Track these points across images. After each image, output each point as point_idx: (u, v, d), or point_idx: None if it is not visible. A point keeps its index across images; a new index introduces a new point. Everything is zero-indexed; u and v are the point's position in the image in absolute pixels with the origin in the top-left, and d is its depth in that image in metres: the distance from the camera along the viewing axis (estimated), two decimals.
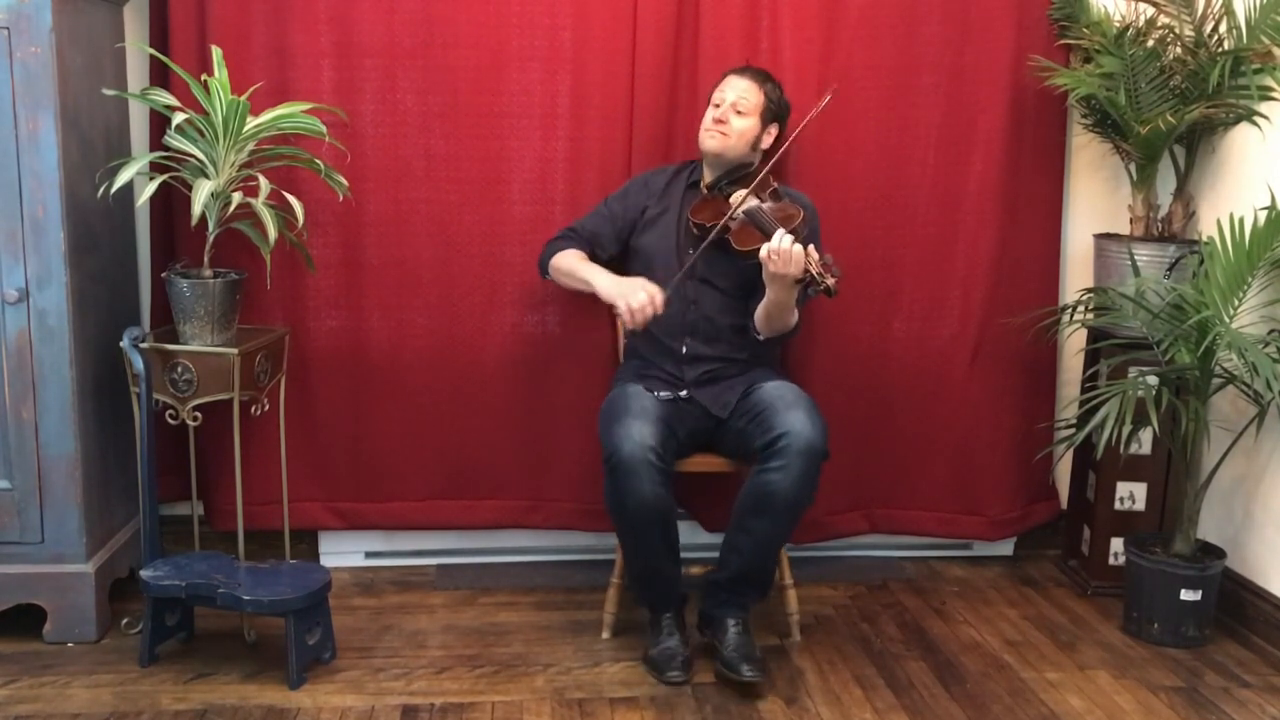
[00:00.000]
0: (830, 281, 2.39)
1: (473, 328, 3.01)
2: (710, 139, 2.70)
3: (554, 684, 2.53)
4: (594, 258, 2.79)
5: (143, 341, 2.56)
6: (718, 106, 2.71)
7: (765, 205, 2.59)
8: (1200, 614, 2.78)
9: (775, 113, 2.75)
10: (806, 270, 2.39)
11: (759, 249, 2.43)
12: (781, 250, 2.38)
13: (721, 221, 2.58)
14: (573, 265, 2.75)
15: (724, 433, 2.68)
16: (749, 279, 2.64)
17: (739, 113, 2.69)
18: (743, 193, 2.61)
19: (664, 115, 2.95)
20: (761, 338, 2.65)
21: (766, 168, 2.62)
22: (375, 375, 3.00)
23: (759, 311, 2.59)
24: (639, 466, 2.41)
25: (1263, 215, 2.61)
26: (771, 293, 2.49)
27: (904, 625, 2.89)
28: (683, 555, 2.60)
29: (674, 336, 2.72)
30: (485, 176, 2.95)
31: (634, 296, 2.54)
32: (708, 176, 2.77)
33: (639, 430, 2.46)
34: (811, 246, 2.43)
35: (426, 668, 2.60)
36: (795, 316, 2.60)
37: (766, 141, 2.75)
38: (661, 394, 2.67)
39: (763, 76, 2.74)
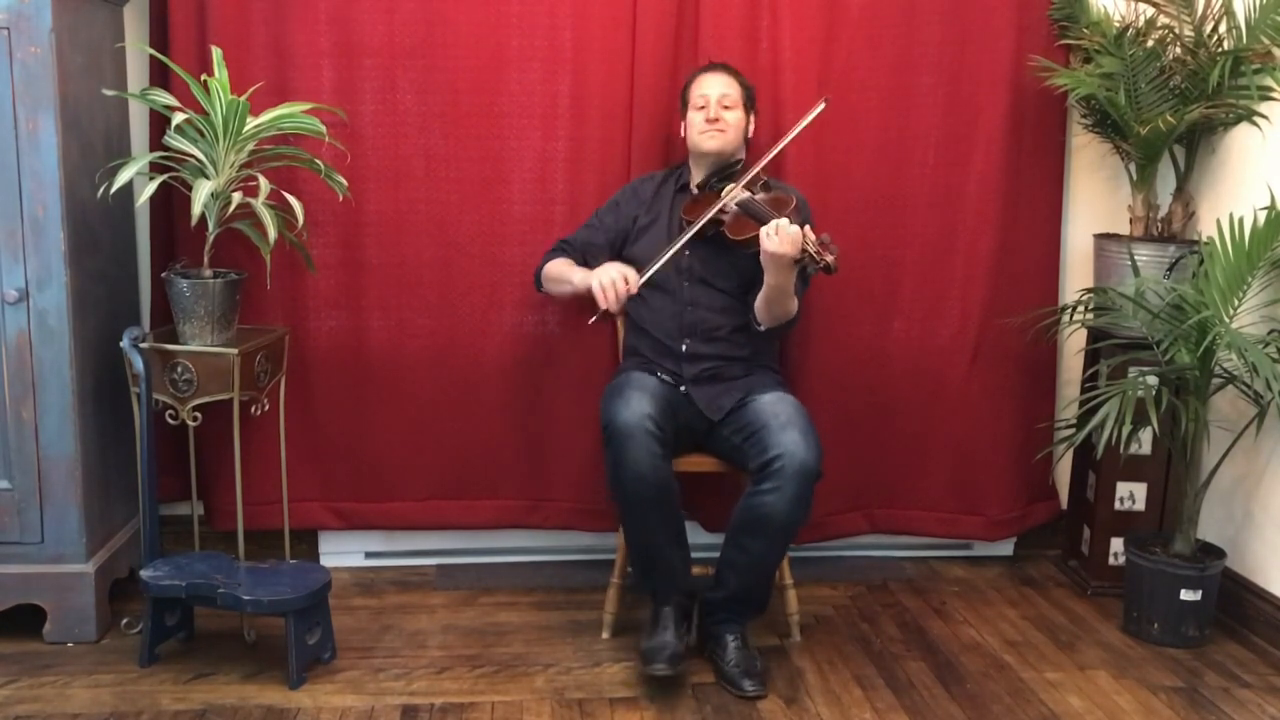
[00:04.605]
0: (829, 259, 2.39)
1: (473, 328, 3.01)
2: (710, 140, 2.70)
3: (554, 684, 2.53)
4: (587, 267, 2.78)
5: (143, 341, 2.56)
6: (702, 108, 2.71)
7: (758, 196, 2.60)
8: (1200, 614, 2.78)
9: (751, 100, 2.78)
10: (804, 250, 2.39)
11: (755, 236, 2.44)
12: (779, 229, 2.39)
13: (715, 209, 2.58)
14: (559, 271, 2.79)
15: (716, 437, 2.67)
16: (747, 278, 2.64)
17: (726, 108, 2.70)
18: (733, 186, 2.62)
19: (664, 115, 2.95)
20: (763, 329, 2.64)
21: (757, 166, 2.63)
22: (375, 375, 3.00)
23: (759, 300, 2.59)
24: (635, 433, 2.42)
25: (1263, 215, 2.60)
26: (770, 277, 2.48)
27: (904, 625, 2.89)
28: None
29: (673, 337, 2.72)
30: (485, 176, 2.96)
31: (604, 275, 2.59)
32: (696, 177, 2.77)
33: (637, 400, 2.48)
34: (808, 226, 2.44)
35: (426, 668, 2.60)
36: (795, 304, 2.60)
37: (751, 130, 2.79)
38: (663, 377, 2.68)
39: (732, 70, 2.77)
